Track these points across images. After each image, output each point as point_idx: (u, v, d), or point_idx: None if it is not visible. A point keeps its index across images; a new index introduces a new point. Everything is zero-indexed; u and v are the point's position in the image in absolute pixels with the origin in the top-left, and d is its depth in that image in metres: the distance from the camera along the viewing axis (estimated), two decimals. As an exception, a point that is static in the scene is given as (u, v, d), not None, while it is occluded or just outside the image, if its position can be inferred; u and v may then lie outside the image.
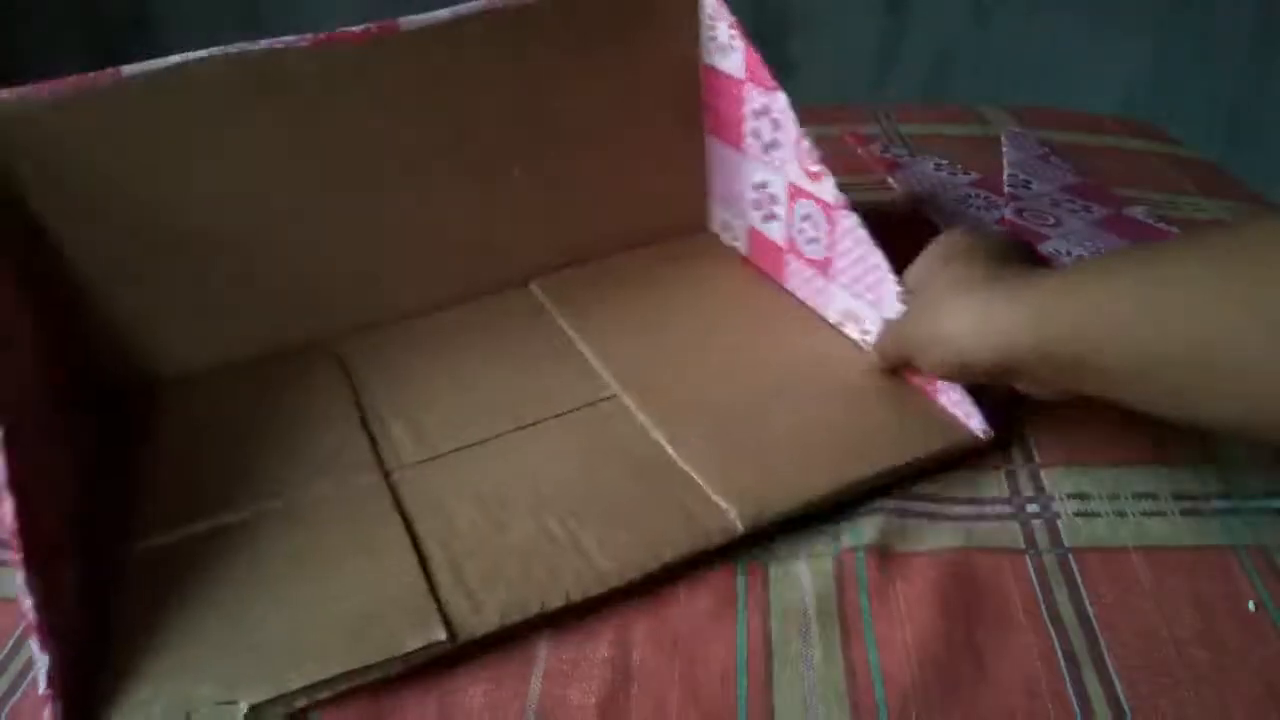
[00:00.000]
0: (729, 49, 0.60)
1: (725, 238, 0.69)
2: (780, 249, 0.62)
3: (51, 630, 0.37)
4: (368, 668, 0.39)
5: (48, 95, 0.49)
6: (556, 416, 0.53)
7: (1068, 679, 0.39)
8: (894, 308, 0.52)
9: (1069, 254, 0.66)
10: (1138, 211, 0.73)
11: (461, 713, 0.39)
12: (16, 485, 0.39)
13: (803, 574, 0.44)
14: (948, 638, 0.41)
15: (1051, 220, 0.71)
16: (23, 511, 0.39)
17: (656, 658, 0.41)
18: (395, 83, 0.57)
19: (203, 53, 0.51)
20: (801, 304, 0.61)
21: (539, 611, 0.42)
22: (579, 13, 0.59)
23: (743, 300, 0.63)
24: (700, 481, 0.47)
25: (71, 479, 0.48)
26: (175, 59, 0.50)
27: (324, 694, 0.39)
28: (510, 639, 0.42)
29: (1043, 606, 0.42)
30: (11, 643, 0.43)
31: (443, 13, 0.56)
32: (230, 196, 0.55)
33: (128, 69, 0.50)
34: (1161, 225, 0.71)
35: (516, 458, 0.51)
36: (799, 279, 0.61)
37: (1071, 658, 0.40)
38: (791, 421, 0.51)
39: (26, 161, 0.50)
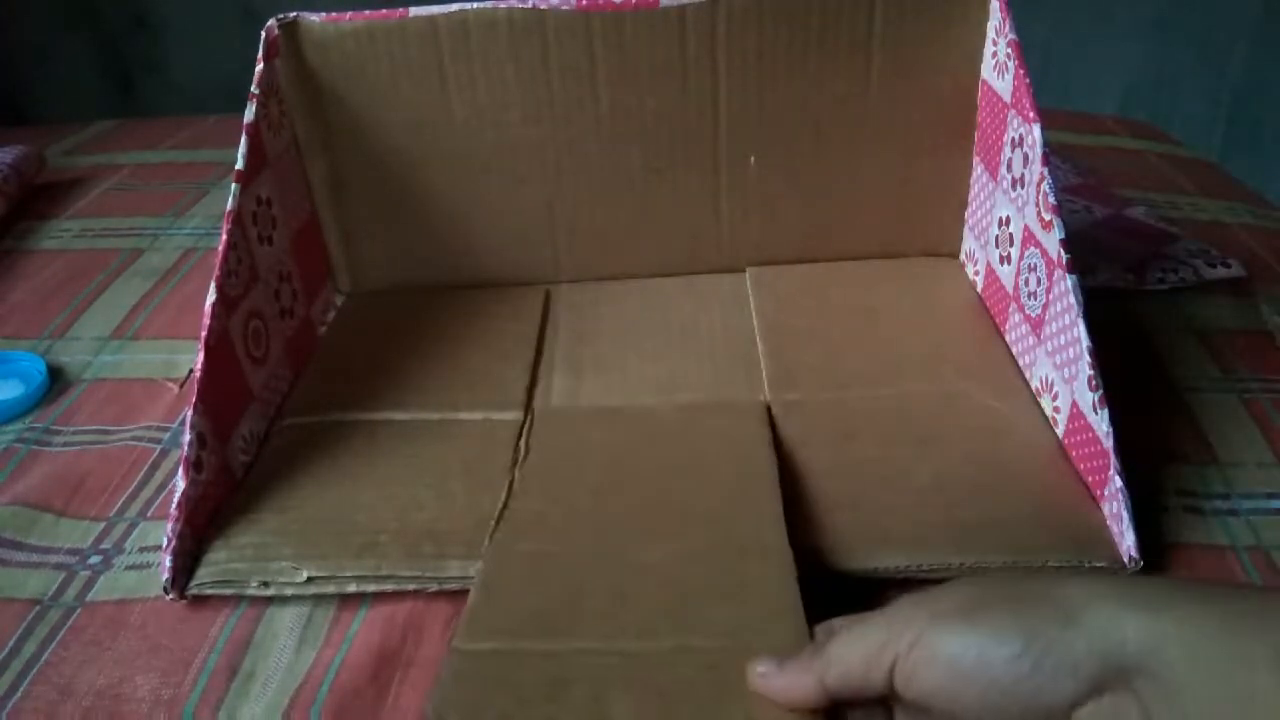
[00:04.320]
0: (1005, 68, 0.55)
1: (969, 269, 0.64)
2: (1007, 295, 0.57)
3: (195, 465, 0.46)
4: (406, 578, 0.44)
5: (348, 22, 0.57)
6: (709, 405, 0.54)
7: (1068, 679, 0.39)
8: (1084, 393, 0.46)
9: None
10: (1138, 211, 0.73)
11: (462, 712, 0.39)
12: (209, 345, 0.48)
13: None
14: (948, 638, 0.41)
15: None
16: (209, 365, 0.48)
17: (657, 658, 0.41)
18: (649, 55, 0.58)
19: (477, 4, 0.57)
20: (1012, 360, 0.56)
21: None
22: (858, 9, 0.57)
23: (950, 341, 0.58)
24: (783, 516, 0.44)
25: (273, 354, 0.56)
26: (455, 6, 0.57)
27: (370, 588, 0.44)
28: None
29: (1043, 606, 0.42)
30: (12, 642, 0.43)
31: None
32: (477, 131, 0.61)
33: (414, 9, 0.57)
34: (1162, 225, 0.71)
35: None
36: (1017, 333, 0.56)
37: (1072, 658, 0.40)
38: (926, 482, 0.47)
39: (330, 72, 0.59)
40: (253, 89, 0.55)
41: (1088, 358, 0.46)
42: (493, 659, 0.38)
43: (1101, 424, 0.45)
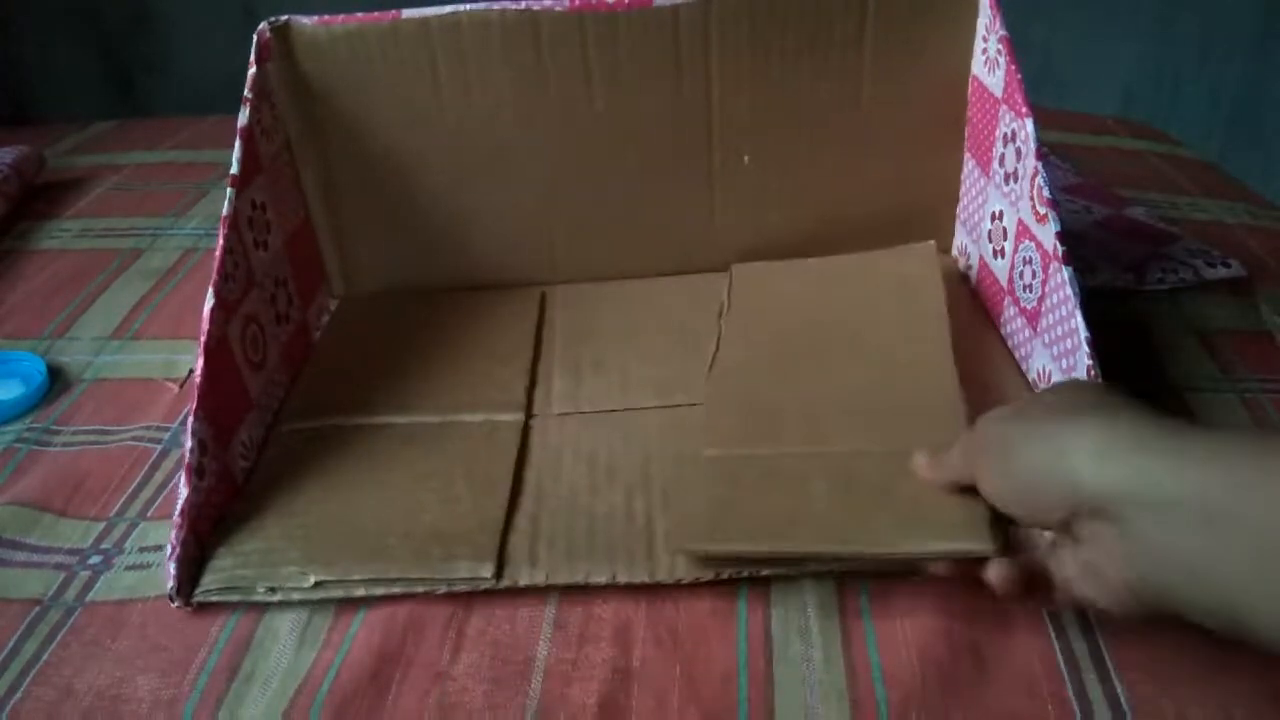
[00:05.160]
0: (996, 64, 0.55)
1: (961, 263, 0.65)
2: (1001, 289, 0.57)
3: (197, 471, 0.46)
4: (415, 580, 0.44)
5: (340, 25, 0.57)
6: (704, 405, 0.54)
7: (1068, 679, 0.39)
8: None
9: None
10: (1138, 212, 0.73)
11: (462, 713, 0.39)
12: (209, 350, 0.48)
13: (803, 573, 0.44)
14: (948, 638, 0.41)
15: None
16: (208, 371, 0.47)
17: (656, 658, 0.41)
18: (642, 55, 0.58)
19: (470, 6, 0.57)
20: (1008, 353, 0.55)
21: (582, 581, 0.44)
22: (849, 7, 0.57)
23: (927, 334, 0.55)
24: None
25: (270, 359, 0.56)
26: (448, 8, 0.57)
27: (379, 591, 0.44)
28: (515, 627, 0.42)
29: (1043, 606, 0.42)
30: (12, 642, 0.43)
31: None
32: (471, 132, 0.60)
33: (406, 11, 0.57)
34: (1162, 225, 0.71)
35: (644, 434, 0.52)
36: (1012, 326, 0.56)
37: (1071, 658, 0.40)
38: (815, 463, 0.46)
39: (323, 74, 0.59)
40: (245, 93, 0.55)
41: (1086, 348, 0.46)
42: (720, 463, 0.47)
43: None
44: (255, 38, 0.56)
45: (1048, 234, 0.49)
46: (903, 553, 0.41)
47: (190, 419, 0.46)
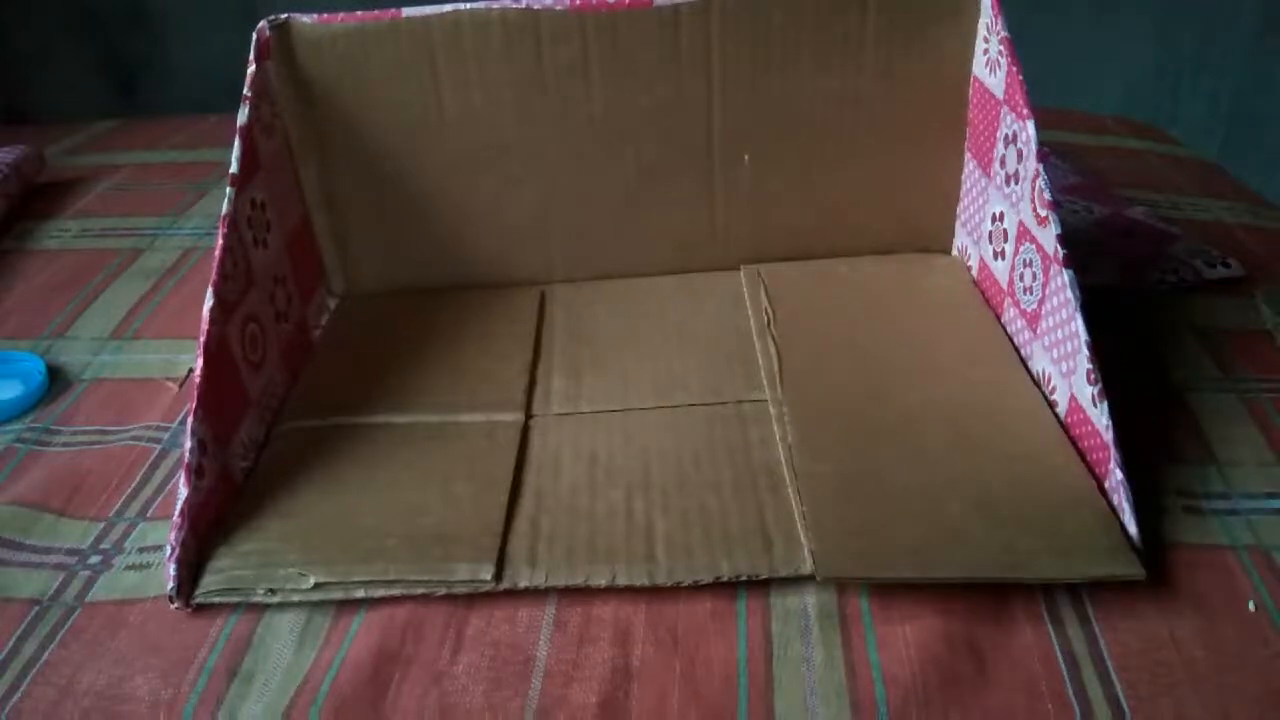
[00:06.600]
0: (997, 65, 0.55)
1: (960, 263, 0.65)
2: (1001, 290, 0.57)
3: (197, 471, 0.46)
4: (415, 582, 0.44)
5: (340, 23, 0.57)
6: (704, 405, 0.54)
7: (1068, 679, 0.39)
8: (1082, 387, 0.47)
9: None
10: (1138, 212, 0.73)
11: (462, 713, 0.39)
12: (209, 350, 0.48)
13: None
14: (948, 638, 0.41)
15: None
16: (208, 371, 0.47)
17: (656, 658, 0.41)
18: (643, 55, 0.58)
19: (470, 5, 0.57)
20: (1015, 350, 0.56)
21: (582, 584, 0.43)
22: (850, 7, 0.57)
23: (951, 334, 0.58)
24: (798, 514, 0.46)
25: (269, 358, 0.56)
26: (449, 7, 0.57)
27: (379, 593, 0.44)
28: (514, 627, 0.42)
29: (1043, 606, 0.42)
30: (12, 642, 0.43)
31: None
32: (471, 132, 0.60)
33: (407, 10, 0.57)
34: (1162, 225, 0.71)
35: (644, 434, 0.52)
36: (1013, 327, 0.56)
37: (1071, 658, 0.40)
38: (935, 482, 0.47)
39: (322, 73, 0.58)
40: (245, 91, 0.54)
41: (1086, 351, 0.46)
42: (832, 480, 0.47)
43: (1101, 417, 0.45)
44: (255, 36, 0.56)
45: (1048, 236, 0.49)
46: (1054, 579, 0.42)
47: (190, 419, 0.46)
